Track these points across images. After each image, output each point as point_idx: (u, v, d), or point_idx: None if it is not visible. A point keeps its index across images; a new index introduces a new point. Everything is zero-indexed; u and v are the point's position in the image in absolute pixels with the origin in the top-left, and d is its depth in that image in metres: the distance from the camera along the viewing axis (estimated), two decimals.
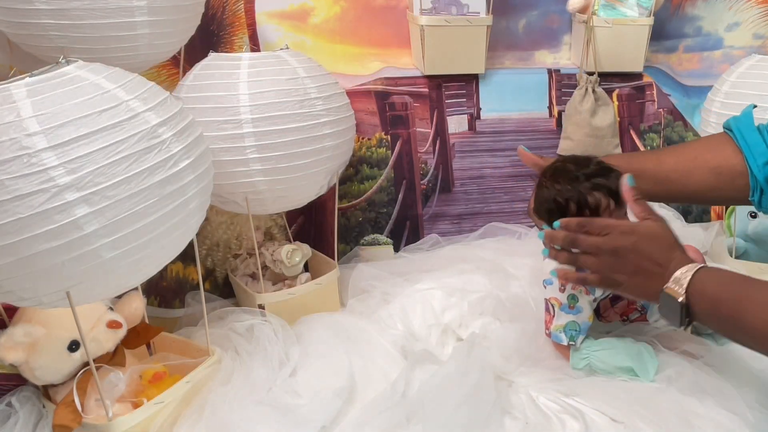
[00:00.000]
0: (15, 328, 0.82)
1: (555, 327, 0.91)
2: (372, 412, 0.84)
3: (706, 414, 0.81)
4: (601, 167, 0.87)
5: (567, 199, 0.85)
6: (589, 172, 0.86)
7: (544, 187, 0.89)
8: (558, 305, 0.91)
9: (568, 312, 0.90)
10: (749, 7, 1.45)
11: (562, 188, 0.86)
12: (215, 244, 1.26)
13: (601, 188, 0.85)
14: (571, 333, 0.90)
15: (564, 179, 0.87)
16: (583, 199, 0.85)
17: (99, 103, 0.67)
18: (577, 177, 0.86)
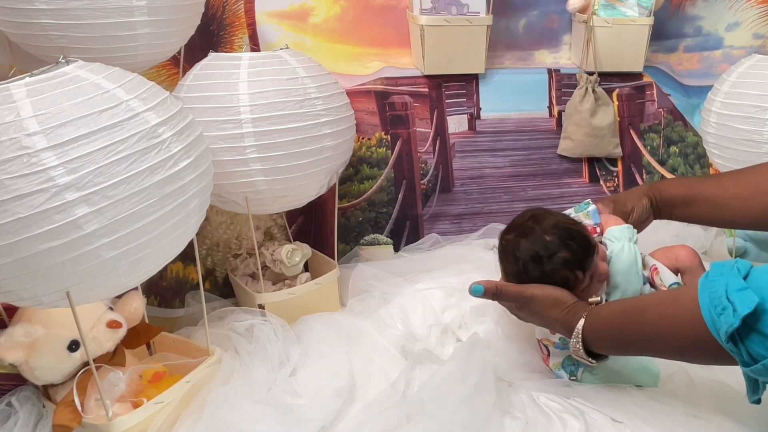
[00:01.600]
0: (15, 328, 0.82)
1: (553, 365, 0.91)
2: (372, 412, 0.84)
3: (708, 415, 0.81)
4: (558, 237, 0.85)
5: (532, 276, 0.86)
6: (550, 252, 0.84)
7: (510, 256, 0.88)
8: (551, 344, 0.91)
9: (562, 349, 0.90)
10: (749, 6, 1.45)
11: (528, 269, 0.86)
12: (215, 243, 1.26)
13: (565, 265, 0.84)
14: (570, 369, 0.90)
15: (530, 262, 0.86)
16: (549, 279, 0.85)
17: (99, 103, 0.67)
18: (540, 257, 0.85)
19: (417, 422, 0.81)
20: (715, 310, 0.62)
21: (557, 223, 0.86)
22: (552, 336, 0.90)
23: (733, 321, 0.60)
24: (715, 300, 0.63)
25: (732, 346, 0.62)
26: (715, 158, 1.24)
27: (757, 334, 0.60)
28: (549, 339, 0.91)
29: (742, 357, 0.62)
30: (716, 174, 0.99)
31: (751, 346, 0.60)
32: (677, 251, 0.93)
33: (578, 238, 0.85)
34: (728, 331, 0.60)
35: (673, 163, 1.49)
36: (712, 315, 0.62)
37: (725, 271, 0.64)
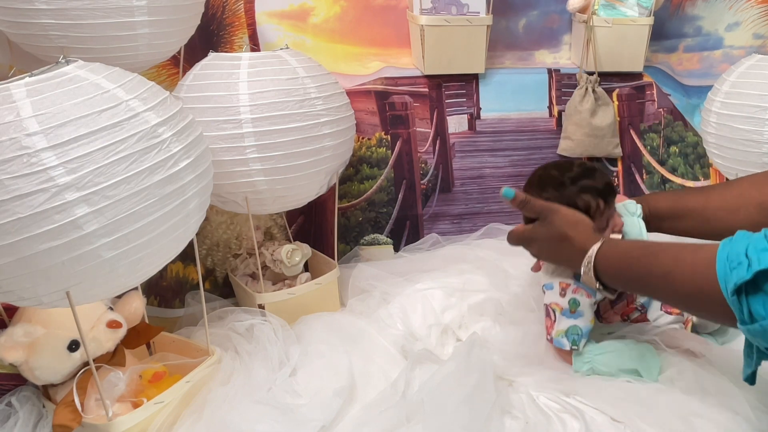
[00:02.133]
0: (15, 328, 0.82)
1: (557, 332, 0.91)
2: (372, 412, 0.85)
3: (708, 414, 0.80)
4: (584, 169, 0.90)
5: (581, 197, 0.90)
6: (574, 175, 0.89)
7: (537, 185, 0.92)
8: (559, 310, 0.91)
9: (569, 317, 0.90)
10: (749, 6, 1.45)
11: (549, 196, 0.89)
12: (215, 243, 1.26)
13: (588, 190, 0.89)
14: (573, 337, 0.90)
15: (550, 186, 0.89)
16: (572, 204, 0.88)
17: (99, 103, 0.67)
18: (563, 182, 0.89)
19: (417, 422, 0.81)
20: (730, 264, 0.63)
21: (583, 163, 0.94)
22: (561, 300, 0.91)
23: (745, 275, 0.61)
24: (732, 255, 0.64)
25: (735, 300, 0.62)
26: (715, 158, 1.24)
27: (763, 294, 0.60)
28: (558, 304, 0.91)
29: (742, 314, 0.62)
30: (703, 186, 1.01)
31: (754, 305, 0.61)
32: None
33: (601, 174, 0.92)
34: (737, 283, 0.61)
35: (673, 163, 1.49)
36: (726, 269, 0.63)
37: (752, 235, 0.65)
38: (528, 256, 1.01)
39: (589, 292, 0.91)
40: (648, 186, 1.48)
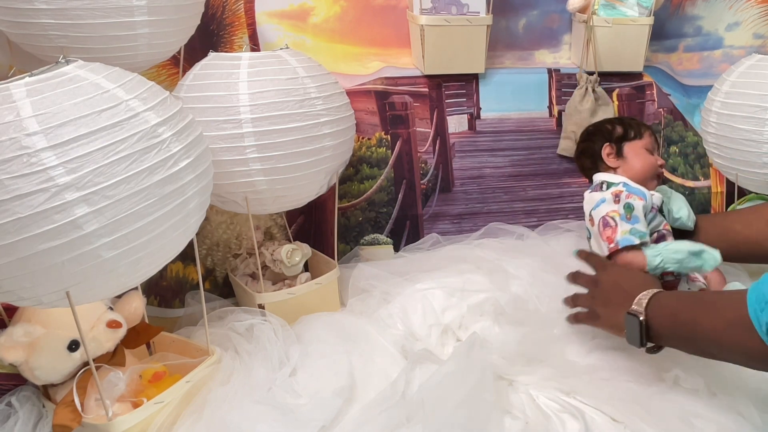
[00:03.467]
0: (15, 328, 0.82)
1: (621, 233, 0.97)
2: (372, 412, 0.84)
3: (710, 415, 0.80)
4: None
5: (592, 131, 1.19)
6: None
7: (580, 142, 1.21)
8: (618, 216, 0.99)
9: (626, 222, 0.98)
10: (749, 6, 1.45)
11: (617, 123, 1.17)
12: (215, 243, 1.26)
13: (617, 121, 1.17)
14: (639, 234, 0.98)
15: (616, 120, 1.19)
16: (603, 126, 1.17)
17: (98, 103, 0.67)
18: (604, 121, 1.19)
19: (417, 422, 0.81)
20: (758, 306, 0.67)
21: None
22: (616, 206, 1.01)
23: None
24: (761, 297, 0.68)
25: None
26: (715, 158, 1.24)
27: None
28: (615, 210, 1.00)
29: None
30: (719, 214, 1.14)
31: None
32: None
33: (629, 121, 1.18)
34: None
35: (673, 163, 1.49)
36: (756, 312, 0.67)
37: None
38: (528, 256, 1.02)
39: (641, 195, 1.02)
40: None
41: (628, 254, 0.98)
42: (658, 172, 1.12)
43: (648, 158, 1.11)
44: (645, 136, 1.13)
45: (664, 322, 0.82)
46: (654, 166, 1.11)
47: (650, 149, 1.13)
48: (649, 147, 1.13)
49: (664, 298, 0.84)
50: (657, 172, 1.11)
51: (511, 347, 0.97)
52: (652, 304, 0.83)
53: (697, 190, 1.49)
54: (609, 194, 1.03)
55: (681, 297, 0.86)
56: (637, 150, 1.12)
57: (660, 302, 0.83)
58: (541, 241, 1.32)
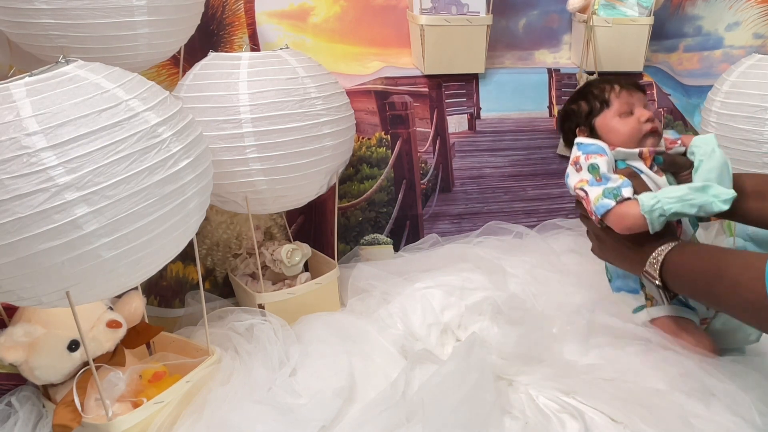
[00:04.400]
0: (15, 328, 0.82)
1: (594, 200, 0.89)
2: (372, 412, 0.84)
3: (709, 416, 0.80)
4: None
5: (561, 116, 1.04)
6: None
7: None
8: (586, 183, 0.91)
9: (597, 185, 0.90)
10: (749, 6, 1.45)
11: (582, 95, 1.01)
12: (215, 243, 1.26)
13: (580, 97, 1.01)
14: (612, 193, 0.88)
15: (585, 88, 1.02)
16: (568, 109, 1.02)
17: (98, 103, 0.67)
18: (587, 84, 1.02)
19: (417, 422, 0.81)
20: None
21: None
22: (582, 175, 0.92)
23: None
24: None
25: None
26: None
27: None
28: (582, 179, 0.92)
29: None
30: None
31: None
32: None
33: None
34: None
35: None
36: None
37: None
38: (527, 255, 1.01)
39: (599, 151, 0.93)
40: None
41: (618, 210, 0.87)
42: (644, 130, 0.95)
43: (624, 124, 0.95)
44: (613, 101, 0.97)
45: (681, 286, 0.81)
46: (635, 129, 0.95)
47: (626, 110, 0.96)
48: (623, 109, 0.96)
49: (680, 262, 0.81)
50: (643, 130, 0.95)
51: (510, 347, 0.97)
52: (667, 266, 0.82)
53: None
54: (570, 166, 0.95)
55: (696, 261, 0.80)
56: (608, 121, 0.97)
57: (675, 268, 0.81)
58: (539, 239, 1.32)
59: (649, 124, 0.95)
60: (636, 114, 0.96)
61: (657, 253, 0.83)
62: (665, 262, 0.82)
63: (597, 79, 1.02)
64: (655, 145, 0.95)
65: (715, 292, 0.76)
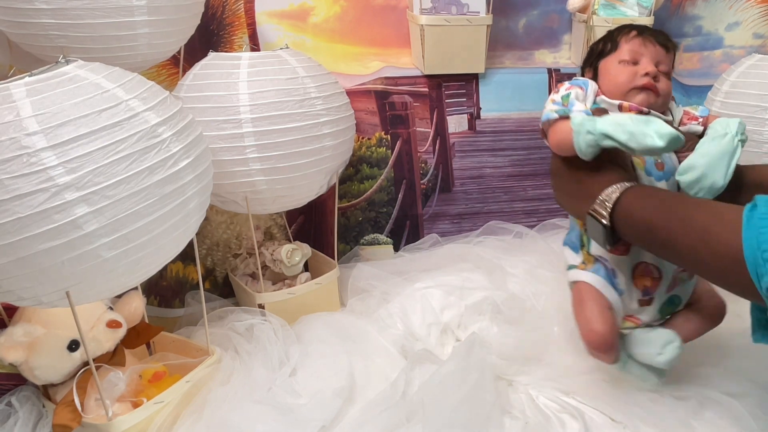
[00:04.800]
0: (15, 328, 0.82)
1: (544, 111, 0.82)
2: (372, 412, 0.85)
3: (708, 417, 0.80)
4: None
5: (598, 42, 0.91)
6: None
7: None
8: (551, 103, 0.83)
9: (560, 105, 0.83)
10: (749, 6, 1.45)
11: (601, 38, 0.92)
12: (215, 243, 1.26)
13: (602, 38, 0.90)
14: (562, 108, 0.80)
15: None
16: (590, 49, 0.91)
17: (98, 103, 0.67)
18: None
19: (417, 422, 0.81)
20: (762, 256, 0.56)
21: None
22: (554, 96, 0.84)
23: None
24: (764, 244, 0.56)
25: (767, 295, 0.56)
26: None
27: None
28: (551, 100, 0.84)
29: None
30: None
31: None
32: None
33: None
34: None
35: None
36: (757, 259, 0.57)
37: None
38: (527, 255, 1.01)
39: (581, 85, 0.85)
40: None
41: (556, 123, 0.80)
42: (636, 83, 0.85)
43: (619, 71, 0.86)
44: (622, 46, 0.87)
45: (632, 232, 0.71)
46: (627, 79, 0.85)
47: (628, 59, 0.86)
48: (625, 57, 0.86)
49: (635, 205, 0.71)
50: (634, 83, 0.85)
51: (510, 347, 0.97)
52: (620, 208, 0.71)
53: None
54: (548, 100, 0.85)
55: (657, 205, 0.70)
56: (609, 65, 0.88)
57: (629, 211, 0.71)
58: (539, 239, 1.32)
59: (644, 79, 0.84)
60: (639, 66, 0.86)
61: (611, 190, 0.72)
62: (619, 202, 0.71)
63: (626, 25, 0.90)
64: (643, 104, 0.85)
65: (678, 242, 0.66)
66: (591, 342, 0.80)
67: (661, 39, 0.88)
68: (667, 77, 0.87)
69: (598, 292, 0.83)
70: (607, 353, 0.80)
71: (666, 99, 0.87)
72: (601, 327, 0.79)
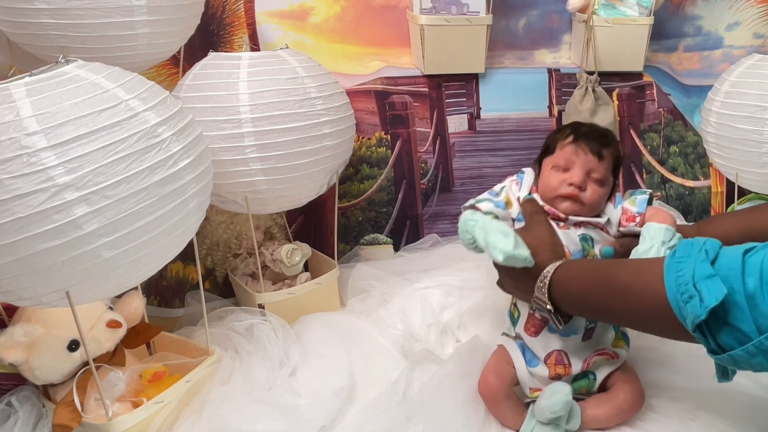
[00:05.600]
0: (15, 328, 0.82)
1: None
2: (372, 412, 0.85)
3: (703, 416, 0.81)
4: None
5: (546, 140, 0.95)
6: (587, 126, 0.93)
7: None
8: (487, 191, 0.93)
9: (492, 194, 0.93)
10: (749, 6, 1.45)
11: (552, 134, 0.94)
12: (215, 243, 1.26)
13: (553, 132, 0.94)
14: (477, 200, 0.92)
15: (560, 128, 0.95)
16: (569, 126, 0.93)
17: (98, 103, 0.67)
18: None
19: (417, 422, 0.81)
20: (682, 297, 0.59)
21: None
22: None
23: (700, 312, 0.57)
24: (681, 286, 0.60)
25: (700, 335, 0.59)
26: (715, 158, 1.24)
27: (726, 325, 0.57)
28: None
29: (709, 345, 0.59)
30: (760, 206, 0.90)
31: (720, 337, 0.58)
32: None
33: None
34: (695, 322, 0.58)
35: (673, 163, 1.49)
36: (679, 301, 0.59)
37: (693, 251, 0.61)
38: None
39: (518, 178, 0.94)
40: (648, 186, 1.48)
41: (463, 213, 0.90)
42: (561, 192, 0.87)
43: (551, 176, 0.89)
44: (558, 151, 0.90)
45: (573, 307, 0.76)
46: (555, 186, 0.88)
47: (560, 165, 0.88)
48: (559, 163, 0.89)
49: (565, 279, 0.75)
50: (560, 192, 0.87)
51: None
52: (553, 289, 0.76)
53: (697, 189, 1.49)
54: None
55: (584, 276, 0.74)
56: (545, 167, 0.92)
57: (562, 286, 0.75)
58: None
59: (568, 189, 0.86)
60: (568, 174, 0.88)
61: (543, 275, 0.77)
62: (553, 282, 0.76)
63: (571, 125, 0.93)
64: (567, 211, 0.88)
65: (609, 306, 0.70)
66: (480, 391, 0.85)
67: (595, 147, 0.88)
68: (599, 184, 0.88)
69: (509, 356, 0.88)
70: (494, 405, 0.85)
71: (594, 206, 0.88)
72: (494, 381, 0.85)
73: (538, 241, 0.81)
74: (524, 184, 0.93)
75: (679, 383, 0.87)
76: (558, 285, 0.76)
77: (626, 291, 0.67)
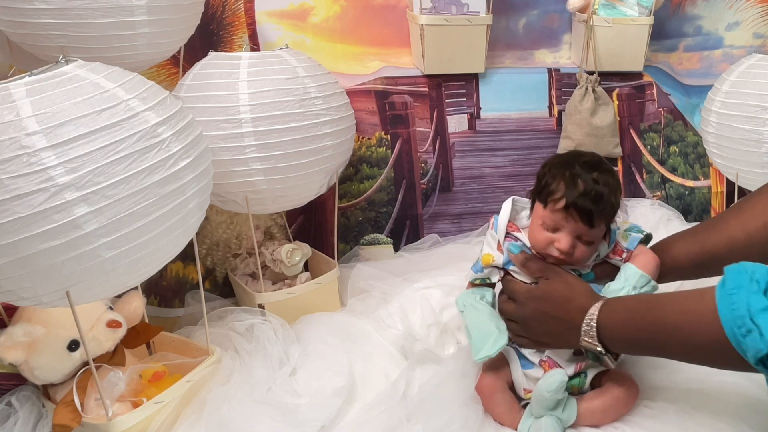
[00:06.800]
0: (14, 328, 0.82)
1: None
2: (372, 412, 0.85)
3: (701, 417, 0.80)
4: (595, 159, 0.84)
5: (541, 176, 0.85)
6: (582, 161, 0.83)
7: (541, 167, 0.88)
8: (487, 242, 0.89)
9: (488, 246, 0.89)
10: (749, 6, 1.45)
11: (547, 170, 0.85)
12: (215, 243, 1.26)
13: (547, 167, 0.85)
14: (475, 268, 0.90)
15: (558, 164, 0.85)
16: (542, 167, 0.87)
17: (98, 103, 0.67)
18: (568, 161, 0.84)
19: (417, 422, 0.81)
20: (740, 331, 0.59)
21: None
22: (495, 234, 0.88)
23: (761, 347, 0.58)
24: (738, 320, 0.60)
25: (763, 368, 0.60)
26: (715, 158, 1.24)
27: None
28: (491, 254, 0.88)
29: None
30: (719, 220, 0.87)
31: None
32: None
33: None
34: (757, 356, 0.58)
35: (673, 163, 1.49)
36: (736, 335, 0.60)
37: (743, 282, 0.61)
38: None
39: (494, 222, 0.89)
40: (648, 186, 1.48)
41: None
42: (550, 253, 0.84)
43: (539, 232, 0.84)
44: (549, 208, 0.82)
45: (623, 346, 0.77)
46: (543, 244, 0.84)
47: (550, 225, 0.83)
48: (548, 222, 0.83)
49: (613, 322, 0.75)
50: (548, 252, 0.84)
51: None
52: (603, 332, 0.75)
53: (697, 189, 1.49)
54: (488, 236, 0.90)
55: (629, 318, 0.74)
56: (534, 216, 0.86)
57: (611, 330, 0.75)
58: None
59: (555, 252, 0.83)
60: (556, 236, 0.82)
61: (587, 321, 0.76)
62: (600, 328, 0.75)
63: (569, 175, 0.82)
64: (557, 264, 0.85)
65: (662, 345, 0.71)
66: (477, 388, 0.86)
67: (586, 217, 0.81)
68: (589, 244, 0.84)
69: (505, 356, 0.88)
70: (490, 403, 0.85)
71: (584, 260, 0.86)
72: (490, 378, 0.86)
73: (575, 281, 0.82)
74: (500, 228, 0.88)
75: (677, 383, 0.87)
76: (604, 328, 0.76)
77: (676, 331, 0.68)
